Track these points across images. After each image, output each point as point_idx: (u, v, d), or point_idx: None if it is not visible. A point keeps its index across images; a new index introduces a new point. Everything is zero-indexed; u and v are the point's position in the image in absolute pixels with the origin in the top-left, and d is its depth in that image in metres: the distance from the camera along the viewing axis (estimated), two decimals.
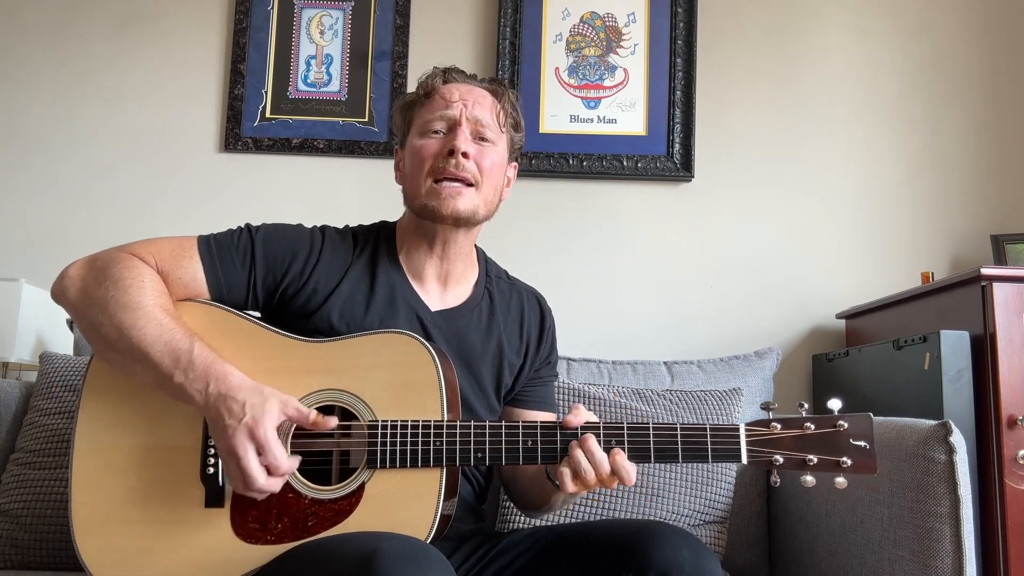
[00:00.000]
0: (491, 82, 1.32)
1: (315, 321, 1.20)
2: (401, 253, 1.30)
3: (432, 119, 1.25)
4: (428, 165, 1.22)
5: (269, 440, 1.01)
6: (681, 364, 1.94)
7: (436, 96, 1.26)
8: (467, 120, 1.24)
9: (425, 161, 1.23)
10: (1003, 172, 2.24)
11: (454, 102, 1.24)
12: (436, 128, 1.24)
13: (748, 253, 2.24)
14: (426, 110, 1.26)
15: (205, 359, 1.06)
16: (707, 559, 1.02)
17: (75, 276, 1.13)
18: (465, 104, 1.25)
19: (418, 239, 1.28)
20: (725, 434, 1.07)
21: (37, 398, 1.72)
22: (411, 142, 1.27)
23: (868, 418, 1.06)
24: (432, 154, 1.23)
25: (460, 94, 1.26)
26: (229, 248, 1.20)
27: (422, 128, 1.26)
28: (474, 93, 1.27)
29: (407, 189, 1.28)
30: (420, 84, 1.29)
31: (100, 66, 2.32)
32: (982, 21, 2.29)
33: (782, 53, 2.30)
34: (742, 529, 1.74)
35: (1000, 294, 1.54)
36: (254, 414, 1.02)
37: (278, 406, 1.05)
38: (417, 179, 1.24)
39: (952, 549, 1.23)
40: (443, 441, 1.08)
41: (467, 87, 1.28)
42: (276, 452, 1.02)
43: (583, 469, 1.04)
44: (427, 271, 1.29)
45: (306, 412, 1.07)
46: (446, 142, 1.23)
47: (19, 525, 1.57)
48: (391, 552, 0.89)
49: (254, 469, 1.02)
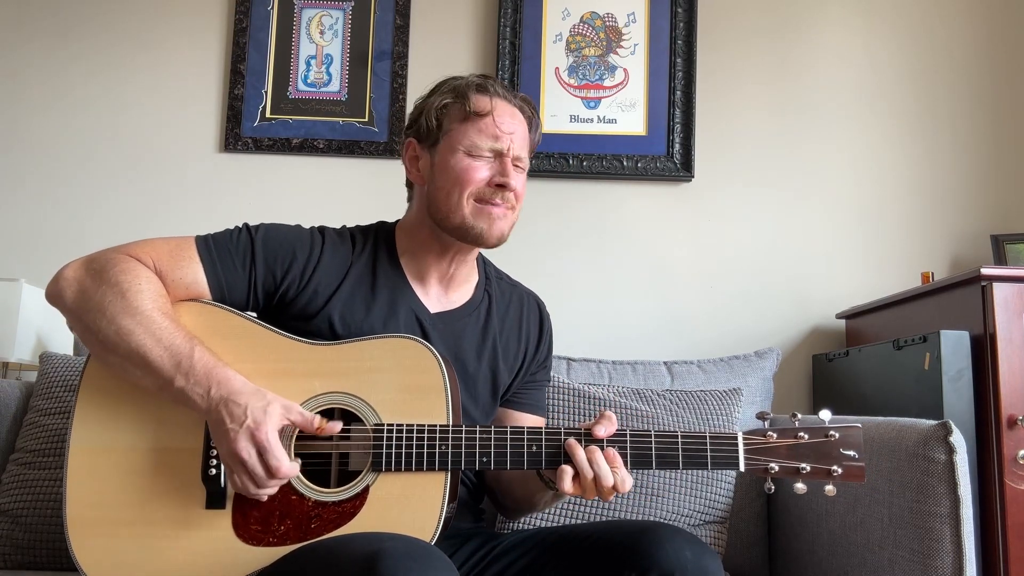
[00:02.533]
0: (524, 102, 1.30)
1: (316, 323, 1.20)
2: (403, 255, 1.29)
3: (481, 144, 1.22)
4: (474, 188, 1.22)
5: (271, 442, 1.01)
6: (681, 364, 1.94)
7: (488, 119, 1.23)
8: (512, 155, 1.24)
9: (471, 183, 1.22)
10: (1003, 172, 2.25)
11: (504, 134, 1.23)
12: (484, 153, 1.23)
13: (748, 253, 2.24)
14: (474, 131, 1.23)
15: (206, 363, 1.06)
16: (709, 559, 1.02)
17: (71, 278, 1.12)
18: (512, 138, 1.24)
19: (428, 244, 1.28)
20: (724, 442, 1.10)
21: (37, 398, 1.72)
22: (449, 156, 1.23)
23: (858, 428, 1.10)
24: (480, 179, 1.22)
25: (508, 126, 1.24)
26: (228, 248, 1.19)
27: (469, 148, 1.22)
28: (516, 121, 1.26)
29: (438, 201, 1.24)
30: (464, 95, 1.25)
31: (101, 67, 2.31)
32: (982, 21, 2.30)
33: (782, 53, 2.30)
34: (742, 529, 1.75)
35: (1000, 294, 1.54)
36: (256, 417, 1.02)
37: (280, 410, 1.05)
38: (455, 197, 1.22)
39: (952, 549, 1.23)
40: (449, 445, 1.09)
41: (511, 110, 1.26)
42: (278, 455, 1.02)
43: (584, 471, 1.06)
44: (431, 275, 1.29)
45: (310, 417, 1.07)
46: (493, 170, 1.23)
47: (19, 525, 1.57)
48: (395, 552, 0.89)
49: (257, 472, 1.02)
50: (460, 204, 1.22)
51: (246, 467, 1.02)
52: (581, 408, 1.72)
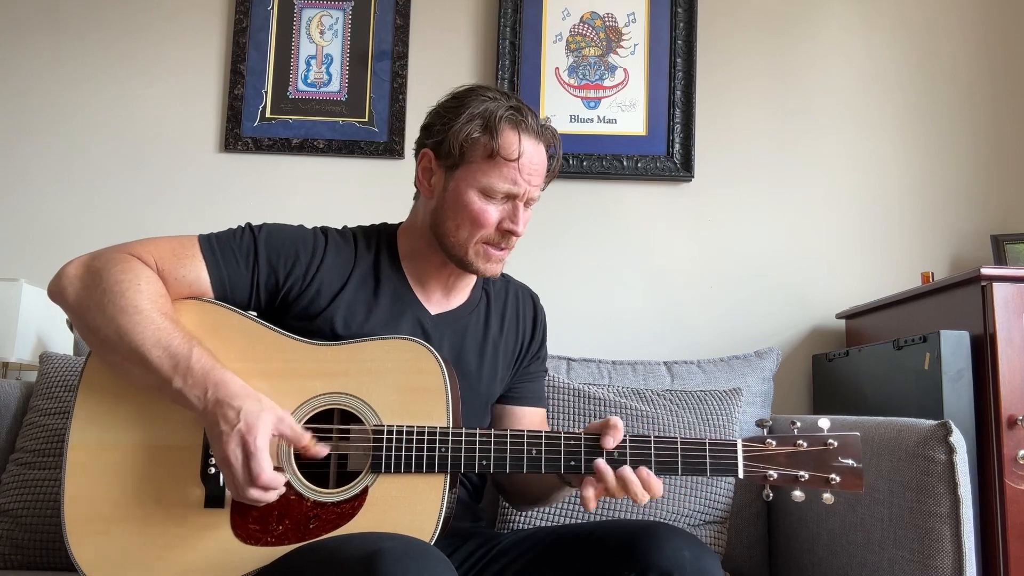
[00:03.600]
0: (551, 136, 1.25)
1: (318, 323, 1.20)
2: (404, 259, 1.29)
3: (499, 188, 1.19)
4: (483, 232, 1.21)
5: (258, 448, 1.01)
6: (681, 364, 1.94)
7: (514, 167, 1.19)
8: (527, 199, 1.22)
9: (482, 227, 1.20)
10: (1003, 172, 2.24)
11: (522, 182, 1.20)
12: (499, 196, 1.20)
13: (748, 253, 2.24)
14: (496, 174, 1.19)
15: (204, 365, 1.06)
16: (708, 559, 1.02)
17: (73, 276, 1.12)
18: (531, 183, 1.21)
19: (429, 256, 1.28)
20: (723, 449, 1.10)
21: (37, 398, 1.72)
22: (466, 190, 1.20)
23: (856, 438, 1.10)
24: (491, 224, 1.20)
25: (529, 170, 1.20)
26: (232, 247, 1.19)
27: (486, 189, 1.19)
28: (537, 162, 1.22)
29: (446, 230, 1.23)
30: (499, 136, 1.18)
31: (101, 66, 2.31)
32: (983, 21, 2.30)
33: (782, 53, 2.30)
34: (742, 529, 1.75)
35: (1000, 294, 1.54)
36: (248, 421, 1.02)
37: (273, 419, 1.04)
38: (464, 235, 1.21)
39: (952, 549, 1.23)
40: (448, 448, 1.09)
41: (538, 155, 1.22)
42: (262, 461, 1.01)
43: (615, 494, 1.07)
44: (432, 281, 1.29)
45: (301, 434, 1.06)
46: (504, 214, 1.21)
47: (19, 525, 1.57)
48: (394, 552, 0.89)
49: (239, 477, 1.02)
50: (466, 243, 1.22)
51: (232, 470, 1.02)
52: (581, 408, 1.72)
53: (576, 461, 1.09)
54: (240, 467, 1.01)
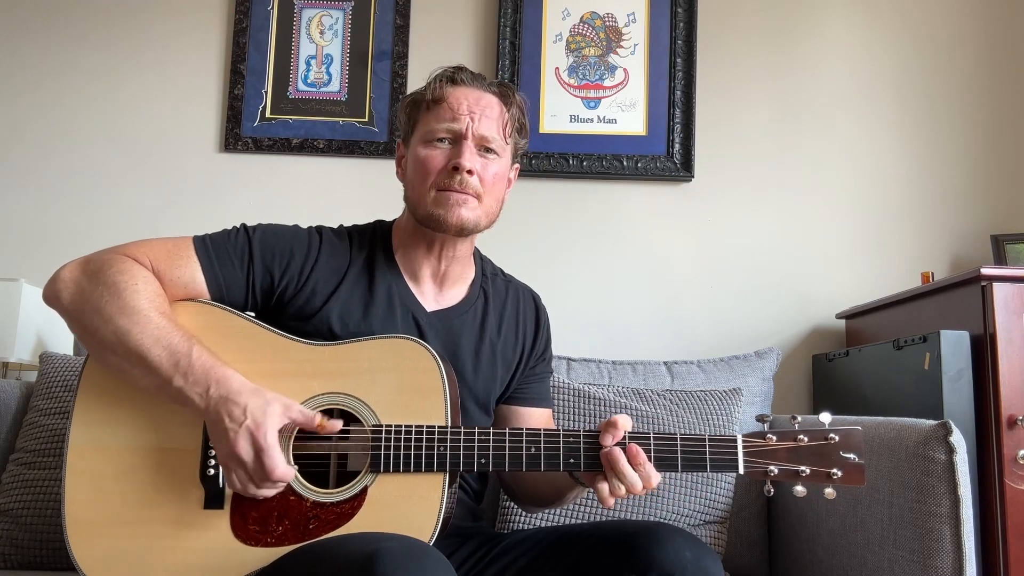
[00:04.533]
0: (500, 86, 1.28)
1: (314, 323, 1.20)
2: (397, 253, 1.29)
3: (437, 129, 1.22)
4: (432, 178, 1.21)
5: (270, 444, 1.01)
6: (681, 364, 1.94)
7: (444, 104, 1.22)
8: (473, 135, 1.22)
9: (429, 173, 1.21)
10: (1003, 172, 2.24)
11: (461, 115, 1.21)
12: (440, 138, 1.22)
13: (748, 253, 2.24)
14: (432, 117, 1.23)
15: (205, 362, 1.06)
16: (709, 559, 1.02)
17: (68, 279, 1.11)
18: (472, 117, 1.21)
19: (416, 240, 1.28)
20: (723, 445, 1.09)
21: (37, 398, 1.72)
22: (415, 148, 1.25)
23: (858, 432, 1.09)
24: (436, 167, 1.21)
25: (468, 105, 1.22)
26: (226, 248, 1.19)
27: (426, 136, 1.23)
28: (482, 102, 1.24)
29: (410, 195, 1.26)
30: (428, 86, 1.25)
31: (101, 67, 2.31)
32: (983, 21, 2.30)
33: (782, 53, 2.30)
34: (742, 529, 1.75)
35: (1000, 294, 1.54)
36: (255, 417, 1.02)
37: (281, 409, 1.04)
38: (420, 188, 1.22)
39: (952, 549, 1.23)
40: (447, 447, 1.08)
41: (476, 94, 1.24)
42: (275, 457, 1.01)
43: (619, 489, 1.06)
44: (423, 272, 1.29)
45: (311, 415, 1.06)
46: (450, 155, 1.21)
47: (19, 525, 1.57)
48: (392, 552, 0.89)
49: (256, 473, 1.02)
50: (423, 194, 1.22)
51: (245, 467, 1.02)
52: (581, 408, 1.72)
53: (575, 459, 1.09)
54: (252, 463, 1.01)
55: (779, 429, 1.11)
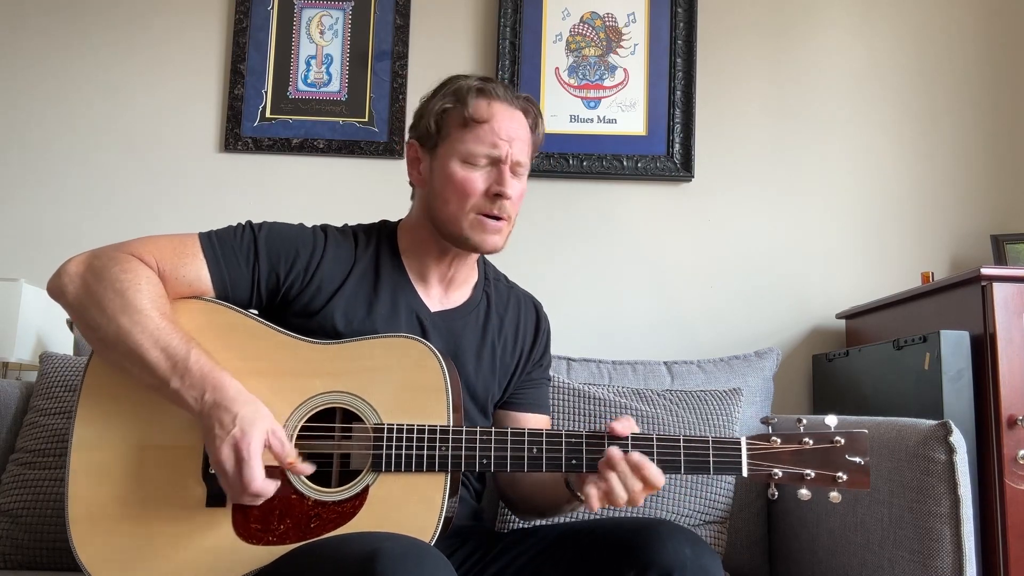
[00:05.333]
0: (526, 103, 1.27)
1: (318, 320, 1.20)
2: (404, 254, 1.29)
3: (478, 153, 1.21)
4: (472, 201, 1.21)
5: (251, 455, 1.01)
6: (681, 364, 1.94)
7: (486, 127, 1.21)
8: (511, 161, 1.22)
9: (469, 196, 1.21)
10: (1003, 172, 2.24)
11: (502, 140, 1.20)
12: (481, 162, 1.21)
13: (748, 253, 2.24)
14: (472, 138, 1.21)
15: (202, 367, 1.06)
16: (709, 558, 1.02)
17: (73, 274, 1.12)
18: (511, 143, 1.21)
19: (428, 246, 1.28)
20: (726, 447, 1.08)
21: (37, 398, 1.72)
22: (448, 163, 1.22)
23: (864, 435, 1.08)
24: (477, 191, 1.21)
25: (507, 130, 1.21)
26: (232, 245, 1.19)
27: (465, 156, 1.21)
28: (515, 125, 1.23)
29: (439, 209, 1.24)
30: (469, 102, 1.22)
31: (100, 66, 2.31)
32: (983, 21, 2.30)
33: (782, 53, 2.30)
34: (742, 529, 1.75)
35: (1000, 294, 1.54)
36: (242, 427, 1.02)
37: (265, 429, 1.04)
38: (455, 209, 1.21)
39: (952, 549, 1.23)
40: (449, 447, 1.09)
41: (513, 116, 1.23)
42: (254, 468, 1.01)
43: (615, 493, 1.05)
44: (432, 275, 1.29)
45: (287, 450, 1.06)
46: (490, 180, 1.21)
47: (19, 525, 1.57)
48: (392, 552, 0.89)
49: (232, 482, 1.02)
50: (458, 216, 1.22)
51: (226, 476, 1.02)
52: (581, 408, 1.72)
53: (577, 459, 1.09)
54: (232, 472, 1.02)
55: (784, 432, 1.10)
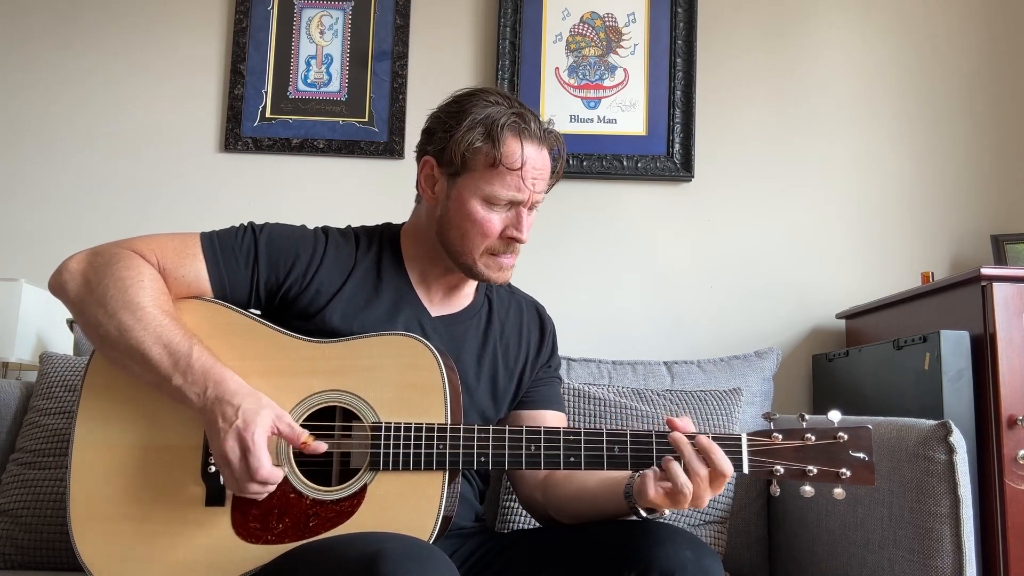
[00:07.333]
0: (554, 139, 1.24)
1: (316, 322, 1.20)
2: (408, 260, 1.29)
3: (502, 196, 1.18)
4: (488, 242, 1.21)
5: (256, 444, 1.02)
6: (681, 364, 1.94)
7: (517, 176, 1.18)
8: (531, 203, 1.21)
9: (487, 237, 1.20)
10: (1003, 172, 2.24)
11: (527, 187, 1.19)
12: (502, 203, 1.20)
13: (748, 253, 2.24)
14: (498, 182, 1.18)
15: (204, 362, 1.06)
16: (710, 559, 1.02)
17: (75, 271, 1.12)
18: (535, 186, 1.20)
19: (433, 258, 1.28)
20: (726, 443, 1.07)
21: (37, 398, 1.72)
22: (468, 198, 1.19)
23: (868, 430, 1.06)
24: (495, 233, 1.20)
25: (533, 176, 1.19)
26: (232, 246, 1.19)
27: (489, 197, 1.19)
28: (539, 165, 1.21)
29: (453, 240, 1.22)
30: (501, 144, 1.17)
31: (100, 66, 2.31)
32: (983, 21, 2.30)
33: (782, 53, 2.30)
34: (742, 529, 1.75)
35: (1000, 294, 1.54)
36: (246, 418, 1.03)
37: (271, 416, 1.05)
38: (469, 244, 1.21)
39: (952, 549, 1.23)
40: (447, 444, 1.08)
41: (539, 156, 1.20)
42: (260, 457, 1.02)
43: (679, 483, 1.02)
44: (434, 282, 1.29)
45: (298, 431, 1.06)
46: (507, 221, 1.20)
47: (19, 525, 1.57)
48: (395, 553, 0.89)
49: (239, 472, 1.02)
50: (472, 252, 1.22)
51: (232, 467, 1.02)
52: (581, 408, 1.72)
53: (576, 457, 1.09)
54: (238, 462, 1.02)
55: (785, 427, 1.09)
